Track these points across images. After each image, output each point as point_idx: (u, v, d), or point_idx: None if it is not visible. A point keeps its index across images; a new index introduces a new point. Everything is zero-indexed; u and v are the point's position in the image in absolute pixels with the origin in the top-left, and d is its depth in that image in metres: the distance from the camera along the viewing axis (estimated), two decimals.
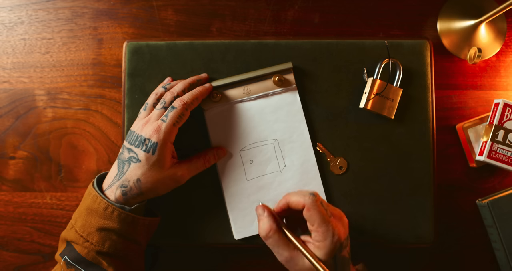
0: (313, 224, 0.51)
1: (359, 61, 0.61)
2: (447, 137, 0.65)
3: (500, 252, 0.62)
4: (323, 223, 0.50)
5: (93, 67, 0.65)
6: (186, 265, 0.64)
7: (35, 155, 0.65)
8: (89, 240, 0.52)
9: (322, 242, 0.50)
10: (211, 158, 0.59)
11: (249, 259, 0.64)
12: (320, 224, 0.50)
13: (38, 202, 0.65)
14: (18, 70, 0.66)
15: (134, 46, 0.62)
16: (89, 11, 0.66)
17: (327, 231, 0.50)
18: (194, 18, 0.66)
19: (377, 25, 0.65)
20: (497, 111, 0.61)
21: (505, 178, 0.64)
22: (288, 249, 0.52)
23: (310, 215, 0.51)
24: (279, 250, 0.52)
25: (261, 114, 0.61)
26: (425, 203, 0.61)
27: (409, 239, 0.61)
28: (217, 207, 0.61)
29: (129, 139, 0.55)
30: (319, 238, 0.51)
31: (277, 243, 0.52)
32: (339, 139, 0.61)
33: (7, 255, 0.65)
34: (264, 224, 0.53)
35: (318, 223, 0.50)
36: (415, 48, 0.62)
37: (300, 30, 0.65)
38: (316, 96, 0.62)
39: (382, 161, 0.61)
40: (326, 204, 0.53)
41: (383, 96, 0.60)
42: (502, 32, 0.65)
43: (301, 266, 0.51)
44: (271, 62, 0.61)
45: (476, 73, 0.65)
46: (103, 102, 0.65)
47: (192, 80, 0.59)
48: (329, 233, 0.50)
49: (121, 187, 0.54)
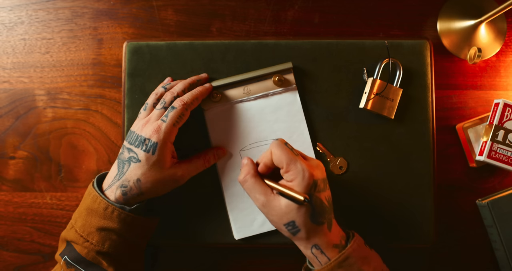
0: (283, 166, 0.52)
1: (359, 61, 0.61)
2: (447, 137, 0.65)
3: (500, 252, 0.62)
4: (290, 161, 0.51)
5: (93, 67, 0.65)
6: (186, 265, 0.64)
7: (35, 155, 0.65)
8: (89, 240, 0.52)
9: (294, 181, 0.51)
10: (211, 158, 0.59)
11: (249, 259, 0.64)
12: (288, 162, 0.51)
13: (38, 202, 0.65)
14: (18, 70, 0.66)
15: (134, 46, 0.62)
16: (89, 11, 0.66)
17: (295, 169, 0.51)
18: (194, 18, 0.66)
19: (377, 25, 0.65)
20: (497, 111, 0.61)
21: (505, 178, 0.64)
22: (265, 194, 0.52)
23: (277, 157, 0.52)
24: (255, 194, 0.53)
25: (261, 114, 0.61)
26: (425, 203, 0.61)
27: (409, 239, 0.61)
28: (217, 207, 0.61)
29: (129, 139, 0.55)
30: (291, 177, 0.51)
31: (253, 187, 0.53)
32: (339, 139, 0.61)
33: (7, 255, 0.65)
34: (243, 170, 0.54)
35: (286, 162, 0.51)
36: (415, 48, 0.62)
37: (300, 30, 0.65)
38: (316, 96, 0.62)
39: (382, 161, 0.61)
40: (291, 146, 0.54)
41: (383, 96, 0.60)
42: (502, 32, 0.65)
43: (278, 208, 0.51)
44: (271, 62, 0.61)
45: (476, 73, 0.65)
46: (103, 102, 0.65)
47: (192, 80, 0.59)
48: (298, 170, 0.51)
49: (121, 187, 0.54)
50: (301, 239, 0.52)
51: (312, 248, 0.52)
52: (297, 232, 0.51)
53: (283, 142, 0.53)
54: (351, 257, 0.51)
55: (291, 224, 0.51)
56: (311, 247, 0.52)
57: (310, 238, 0.51)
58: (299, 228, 0.51)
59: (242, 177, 0.54)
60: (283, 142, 0.53)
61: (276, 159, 0.52)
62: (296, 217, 0.51)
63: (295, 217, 0.51)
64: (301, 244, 0.53)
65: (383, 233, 0.61)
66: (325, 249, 0.51)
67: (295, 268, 0.64)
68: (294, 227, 0.51)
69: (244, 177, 0.54)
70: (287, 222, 0.51)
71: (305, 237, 0.51)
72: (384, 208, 0.61)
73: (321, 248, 0.51)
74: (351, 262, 0.51)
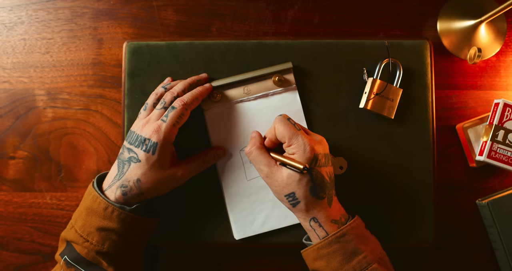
0: (285, 140, 0.53)
1: (359, 61, 0.61)
2: (447, 137, 0.65)
3: (500, 252, 0.62)
4: (292, 135, 0.53)
5: (93, 67, 0.65)
6: (186, 265, 0.64)
7: (35, 155, 0.65)
8: (89, 240, 0.52)
9: (295, 154, 0.52)
10: (211, 158, 0.59)
11: (249, 259, 0.64)
12: (290, 137, 0.53)
13: (38, 202, 0.65)
14: (18, 70, 0.66)
15: (134, 46, 0.62)
16: (89, 11, 0.66)
17: (297, 142, 0.53)
18: (194, 18, 0.66)
19: (377, 25, 0.65)
20: (497, 111, 0.61)
21: (505, 178, 0.64)
22: (268, 165, 0.54)
23: (280, 131, 0.53)
24: (260, 165, 0.54)
25: (261, 114, 0.61)
26: (425, 203, 0.61)
27: (409, 239, 0.61)
28: (217, 207, 0.61)
29: (129, 139, 0.55)
30: (292, 150, 0.53)
31: (258, 158, 0.54)
32: (339, 139, 0.61)
33: (7, 255, 0.65)
34: (250, 142, 0.56)
35: (288, 137, 0.53)
36: (415, 48, 0.62)
37: (300, 30, 0.65)
38: (316, 96, 0.62)
39: (382, 161, 0.61)
40: (294, 121, 0.55)
41: (383, 96, 0.60)
42: (502, 32, 0.65)
43: (280, 179, 0.53)
44: (271, 62, 0.61)
45: (476, 73, 0.65)
46: (103, 102, 0.65)
47: (192, 80, 0.59)
48: (299, 144, 0.52)
49: (121, 187, 0.54)
50: (301, 211, 0.53)
51: (311, 221, 0.53)
52: (297, 203, 0.53)
53: (286, 117, 0.55)
54: (349, 234, 0.52)
55: (291, 195, 0.53)
56: (309, 220, 0.53)
57: (309, 210, 0.53)
58: (298, 200, 0.52)
59: (248, 148, 0.56)
60: (286, 117, 0.55)
61: (279, 133, 0.54)
62: (297, 188, 0.52)
63: (295, 188, 0.52)
64: (300, 216, 0.54)
65: (383, 233, 0.61)
66: (324, 223, 0.53)
67: (295, 268, 0.64)
68: (294, 198, 0.53)
69: (250, 148, 0.55)
70: (288, 193, 0.53)
71: (305, 209, 0.53)
72: (384, 208, 0.61)
73: (319, 222, 0.53)
74: (348, 239, 0.52)
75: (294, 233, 0.61)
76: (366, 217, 0.61)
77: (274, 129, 0.54)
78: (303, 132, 0.54)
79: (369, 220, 0.61)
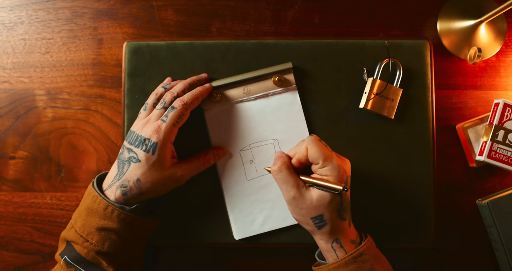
0: (318, 162, 0.53)
1: (359, 61, 0.61)
2: (447, 137, 0.65)
3: (500, 252, 0.62)
4: (326, 158, 0.52)
5: (93, 67, 0.65)
6: (186, 265, 0.64)
7: (35, 155, 0.65)
8: (89, 240, 0.52)
9: (330, 176, 0.52)
10: (211, 158, 0.59)
11: (249, 259, 0.64)
12: (324, 159, 0.52)
13: (38, 202, 0.65)
14: (18, 70, 0.66)
15: (134, 46, 0.62)
16: (89, 11, 0.66)
17: (331, 165, 0.52)
18: (194, 18, 0.66)
19: (377, 25, 0.65)
20: (497, 111, 0.61)
21: (505, 178, 0.64)
22: (297, 186, 0.53)
23: (314, 152, 0.53)
24: (287, 187, 0.53)
25: (261, 114, 0.61)
26: (425, 203, 0.61)
27: (409, 239, 0.61)
28: (217, 207, 0.61)
29: (129, 139, 0.55)
30: (326, 172, 0.52)
31: (287, 179, 0.53)
32: (339, 139, 0.61)
33: (7, 255, 0.65)
34: (278, 161, 0.55)
35: (322, 159, 0.52)
36: (415, 48, 0.62)
37: (300, 30, 0.65)
38: (316, 96, 0.62)
39: (382, 161, 0.61)
40: (325, 143, 0.55)
41: (383, 96, 0.60)
42: (502, 32, 0.65)
43: (309, 201, 0.52)
44: (271, 62, 0.61)
45: (476, 73, 0.65)
46: (103, 102, 0.65)
47: (192, 80, 0.59)
48: (334, 166, 0.52)
49: (121, 187, 0.54)
50: (325, 233, 0.53)
51: (333, 242, 0.53)
52: (323, 226, 0.53)
53: (317, 139, 0.54)
54: (365, 253, 0.53)
55: (319, 217, 0.53)
56: (332, 241, 0.53)
57: (334, 232, 0.53)
58: (325, 222, 0.53)
59: (276, 167, 0.54)
60: (317, 139, 0.54)
61: (312, 154, 0.53)
62: (326, 211, 0.52)
63: (324, 211, 0.52)
64: (323, 238, 0.54)
65: (383, 233, 0.61)
66: (344, 244, 0.53)
67: (295, 268, 0.64)
68: (321, 220, 0.53)
69: (279, 167, 0.54)
70: (316, 216, 0.53)
71: (329, 231, 0.53)
72: (384, 208, 0.61)
73: (341, 242, 0.53)
74: (365, 259, 0.52)
75: (294, 233, 0.61)
76: (366, 217, 0.61)
77: (306, 150, 0.54)
78: (335, 154, 0.54)
79: (369, 220, 0.61)
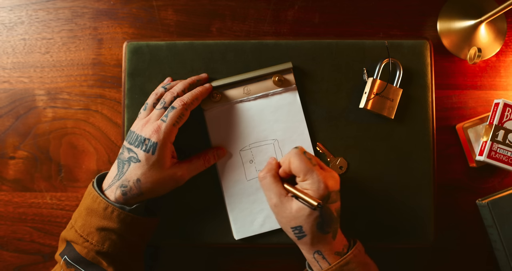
0: (299, 175, 0.53)
1: (359, 61, 0.61)
2: (447, 137, 0.65)
3: (500, 252, 0.62)
4: (307, 171, 0.52)
5: (93, 67, 0.65)
6: (186, 265, 0.64)
7: (35, 155, 0.65)
8: (89, 240, 0.52)
9: (309, 190, 0.52)
10: (211, 158, 0.59)
11: (249, 259, 0.64)
12: (305, 172, 0.52)
13: (38, 202, 0.65)
14: (18, 70, 0.66)
15: (134, 46, 0.62)
16: (89, 11, 0.66)
17: (312, 179, 0.52)
18: (194, 18, 0.66)
19: (377, 25, 0.65)
20: (497, 111, 0.61)
21: (505, 178, 0.64)
22: (279, 195, 0.53)
23: (295, 166, 0.53)
24: (271, 193, 0.54)
25: (261, 114, 0.61)
26: (425, 203, 0.61)
27: (409, 239, 0.61)
28: (217, 207, 0.61)
29: (129, 139, 0.55)
30: (306, 186, 0.52)
31: (270, 186, 0.54)
32: (339, 139, 0.61)
33: (7, 255, 0.65)
34: (266, 168, 0.56)
35: (303, 172, 0.52)
36: (415, 48, 0.61)
37: (300, 30, 0.65)
38: (316, 96, 0.62)
39: (382, 161, 0.61)
40: (311, 155, 0.54)
41: (383, 96, 0.60)
42: (502, 32, 0.65)
43: (289, 211, 0.52)
44: (271, 62, 0.61)
45: (476, 73, 0.65)
46: (103, 102, 0.65)
47: (192, 80, 0.59)
48: (314, 181, 0.52)
49: (121, 187, 0.54)
50: (305, 244, 0.53)
51: (315, 254, 0.53)
52: (302, 237, 0.53)
53: (302, 151, 0.54)
54: (352, 262, 0.52)
55: (298, 228, 0.52)
56: (313, 252, 0.53)
57: (314, 244, 0.53)
58: (305, 234, 0.52)
59: (263, 173, 0.55)
60: (302, 151, 0.54)
61: (294, 167, 0.53)
62: (304, 223, 0.52)
63: (303, 222, 0.52)
64: (304, 248, 0.54)
65: (383, 233, 0.61)
66: (327, 256, 0.53)
67: (295, 268, 0.64)
68: (300, 231, 0.52)
69: (265, 174, 0.55)
70: (295, 226, 0.52)
71: (310, 243, 0.53)
72: (384, 208, 0.61)
73: (323, 254, 0.53)
74: (351, 267, 0.52)
75: None
76: (366, 217, 0.61)
77: (289, 162, 0.53)
78: (318, 168, 0.53)
79: (369, 220, 0.61)
